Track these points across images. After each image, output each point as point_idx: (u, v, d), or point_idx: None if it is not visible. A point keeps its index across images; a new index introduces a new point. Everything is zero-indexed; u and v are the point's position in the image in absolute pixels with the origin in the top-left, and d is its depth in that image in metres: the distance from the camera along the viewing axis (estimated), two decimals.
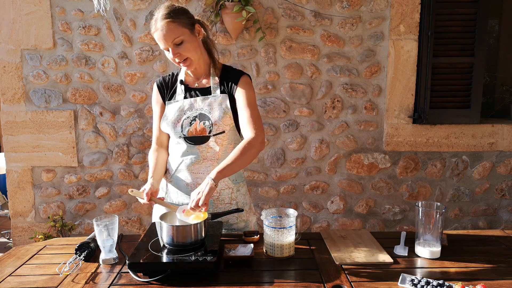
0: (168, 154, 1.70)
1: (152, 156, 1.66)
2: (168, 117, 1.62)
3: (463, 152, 3.02)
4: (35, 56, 2.90)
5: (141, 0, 2.82)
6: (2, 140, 3.18)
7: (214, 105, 1.59)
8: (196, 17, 1.59)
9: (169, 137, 1.70)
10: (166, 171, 1.69)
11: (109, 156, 3.01)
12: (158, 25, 1.48)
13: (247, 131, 1.53)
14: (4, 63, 2.90)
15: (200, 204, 1.36)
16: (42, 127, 2.96)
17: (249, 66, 2.91)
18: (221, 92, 1.61)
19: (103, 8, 2.41)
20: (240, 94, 1.58)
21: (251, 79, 1.66)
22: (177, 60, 1.54)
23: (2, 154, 3.59)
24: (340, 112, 2.97)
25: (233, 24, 2.70)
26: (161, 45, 1.52)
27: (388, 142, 2.98)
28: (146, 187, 1.50)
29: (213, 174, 1.41)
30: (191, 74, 1.66)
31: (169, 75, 1.72)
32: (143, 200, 1.48)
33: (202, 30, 1.59)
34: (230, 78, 1.63)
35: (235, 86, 1.60)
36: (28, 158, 2.99)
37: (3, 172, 3.53)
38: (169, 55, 1.54)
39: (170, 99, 1.66)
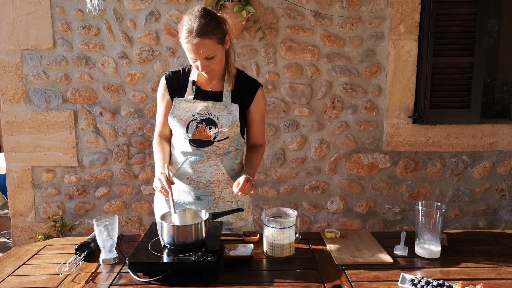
0: (170, 146, 1.71)
1: (157, 146, 1.68)
2: (177, 115, 1.60)
3: (463, 152, 3.02)
4: (35, 56, 2.90)
5: (141, 0, 2.82)
6: (2, 140, 3.18)
7: (223, 113, 1.58)
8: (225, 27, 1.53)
9: (171, 131, 1.69)
10: (171, 162, 1.70)
11: (109, 156, 3.01)
12: (193, 39, 1.43)
13: (260, 141, 1.74)
14: (4, 63, 2.90)
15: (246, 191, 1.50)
16: (42, 127, 2.96)
17: (249, 66, 2.91)
18: (233, 101, 1.60)
19: (96, 8, 2.38)
20: (256, 109, 1.67)
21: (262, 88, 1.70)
22: (203, 72, 1.52)
23: (2, 154, 3.60)
24: (340, 112, 2.97)
25: (233, 24, 2.70)
26: (190, 56, 1.49)
27: (388, 142, 2.98)
28: (163, 173, 1.51)
29: (246, 174, 1.56)
30: (206, 76, 1.59)
31: (180, 70, 1.68)
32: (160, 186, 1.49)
33: (229, 40, 1.56)
34: (246, 89, 1.63)
35: (252, 100, 1.64)
36: (28, 158, 2.99)
37: (3, 172, 3.53)
38: (194, 63, 1.52)
39: (180, 95, 1.63)
